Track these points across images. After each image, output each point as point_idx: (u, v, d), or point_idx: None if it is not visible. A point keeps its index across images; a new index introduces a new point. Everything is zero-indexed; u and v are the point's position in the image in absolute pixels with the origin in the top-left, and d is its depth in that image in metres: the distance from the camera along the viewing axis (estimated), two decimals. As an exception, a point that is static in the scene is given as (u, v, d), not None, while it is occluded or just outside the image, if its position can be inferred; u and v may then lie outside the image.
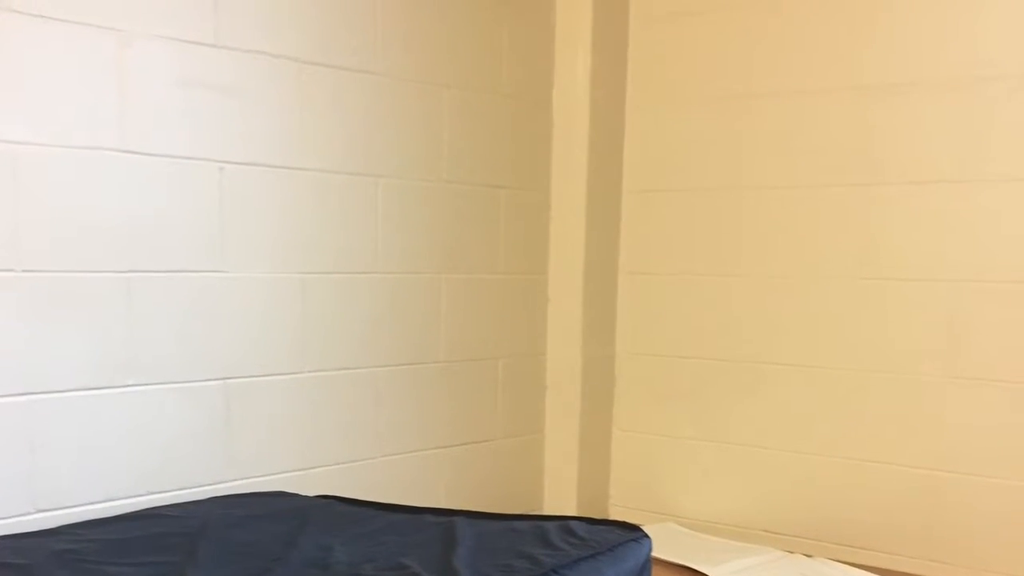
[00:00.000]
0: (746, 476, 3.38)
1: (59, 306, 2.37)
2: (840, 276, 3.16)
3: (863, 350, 3.13)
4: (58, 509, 2.38)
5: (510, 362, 3.46)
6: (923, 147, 3.01)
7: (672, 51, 3.47)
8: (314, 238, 2.86)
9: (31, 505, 2.34)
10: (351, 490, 2.80)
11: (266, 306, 2.77)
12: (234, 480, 2.72)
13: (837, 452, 3.19)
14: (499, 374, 3.43)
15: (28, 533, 2.26)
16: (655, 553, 2.35)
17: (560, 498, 3.57)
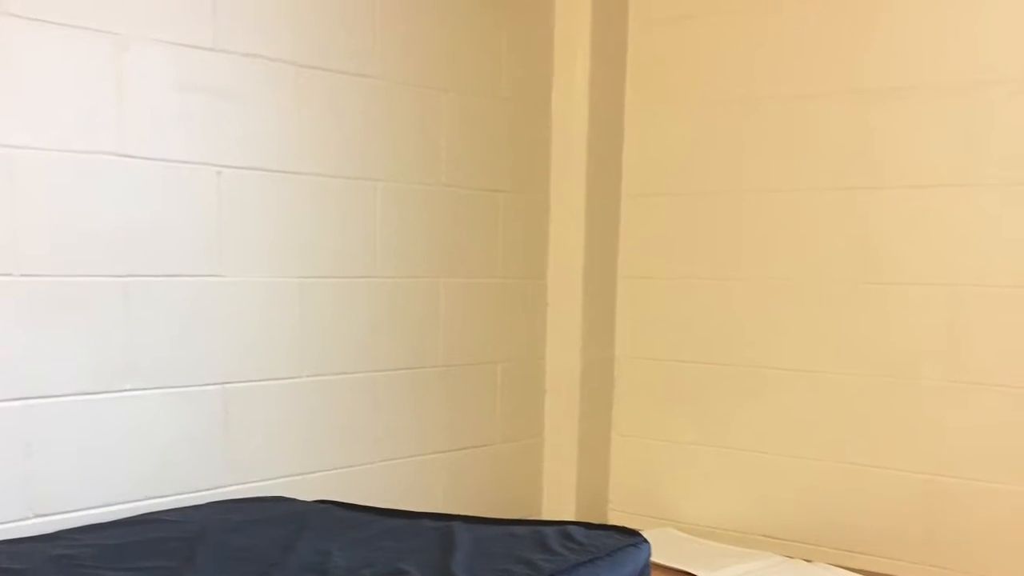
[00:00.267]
0: (746, 481, 3.38)
1: (57, 310, 2.36)
2: (840, 280, 3.15)
3: (863, 354, 3.12)
4: (55, 514, 2.37)
5: (509, 366, 3.46)
6: (923, 151, 3.01)
7: (671, 55, 3.47)
8: (312, 242, 2.85)
9: (28, 510, 2.34)
10: (349, 495, 2.80)
11: (264, 310, 2.76)
12: (232, 485, 2.71)
13: (837, 457, 3.18)
14: (498, 378, 3.42)
15: (25, 538, 2.26)
16: (654, 558, 2.35)
17: (559, 503, 3.56)
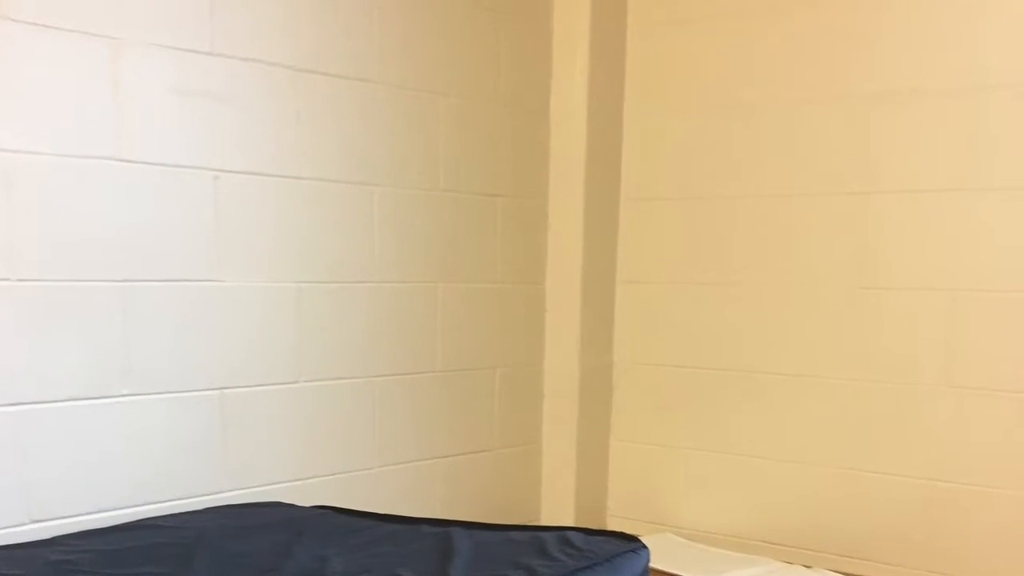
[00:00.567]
0: (745, 486, 3.37)
1: (54, 315, 2.36)
2: (839, 285, 3.15)
3: (862, 359, 3.12)
4: (53, 519, 2.37)
5: (507, 372, 3.45)
6: (922, 155, 3.00)
7: (670, 59, 3.47)
8: (310, 247, 2.85)
9: (25, 515, 2.33)
10: (347, 500, 2.79)
11: (262, 316, 2.76)
12: (230, 490, 2.71)
13: (836, 462, 3.18)
14: (496, 384, 3.42)
15: (22, 544, 2.25)
16: (653, 564, 2.34)
17: (557, 508, 3.56)
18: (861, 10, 3.10)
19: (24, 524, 2.32)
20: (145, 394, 2.52)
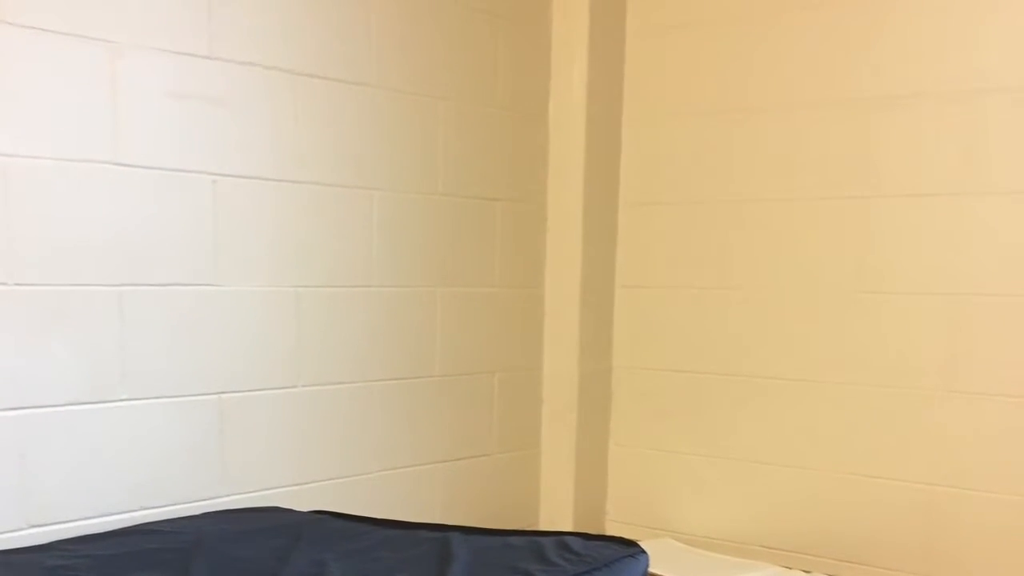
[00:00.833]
0: (744, 491, 3.37)
1: (52, 320, 2.35)
2: (838, 289, 3.15)
3: (862, 364, 3.11)
4: (50, 524, 2.37)
5: (506, 376, 3.45)
6: (922, 160, 3.00)
7: (669, 63, 3.46)
8: (308, 251, 2.84)
9: (23, 520, 2.33)
10: (345, 505, 2.79)
11: (260, 320, 2.75)
12: (228, 495, 2.70)
13: (836, 467, 3.17)
14: (495, 388, 3.42)
15: (20, 549, 2.25)
16: (652, 569, 2.34)
17: (556, 513, 3.55)
18: (861, 14, 3.10)
19: (22, 529, 2.32)
20: (143, 399, 2.52)
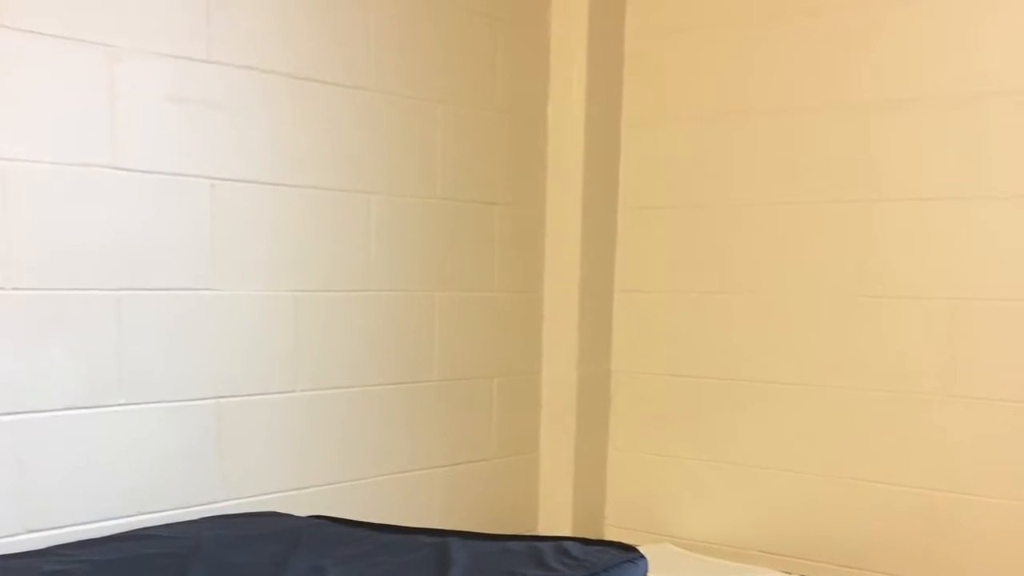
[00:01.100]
0: (743, 496, 3.36)
1: (49, 324, 2.35)
2: (839, 293, 3.14)
3: (862, 368, 3.11)
4: (48, 529, 2.36)
5: (505, 381, 3.44)
6: (923, 163, 2.99)
7: (668, 67, 3.46)
8: (307, 256, 2.84)
9: (21, 525, 2.32)
10: (344, 510, 2.78)
11: (258, 324, 2.75)
12: (226, 500, 2.70)
13: (835, 472, 3.16)
14: (493, 393, 3.41)
15: (18, 554, 2.25)
16: (651, 573, 2.34)
17: (555, 518, 3.55)
18: (861, 18, 3.09)
19: (19, 534, 2.31)
20: (140, 403, 2.51)
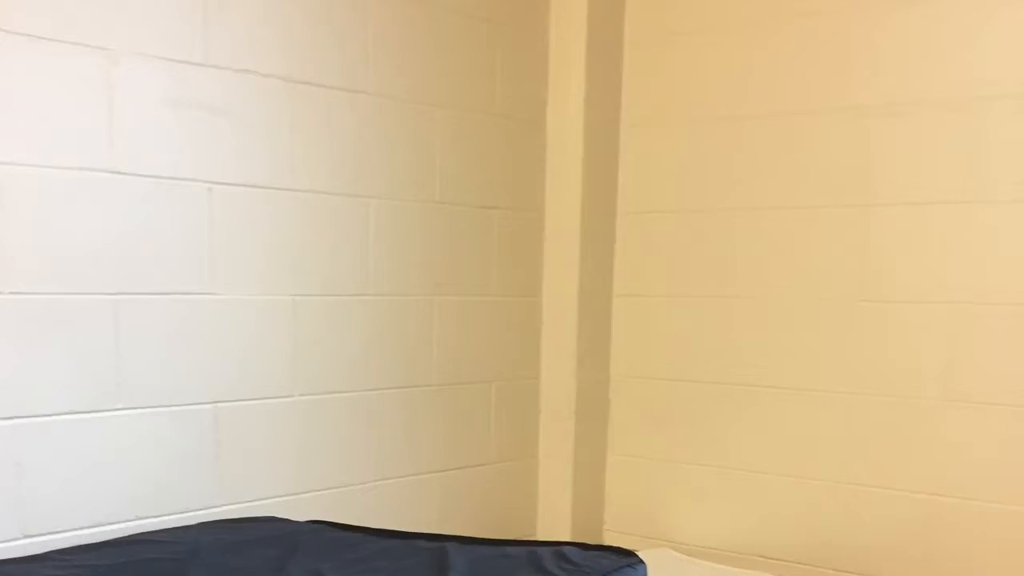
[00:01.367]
0: (743, 501, 3.36)
1: (47, 329, 2.35)
2: (838, 298, 3.14)
3: (862, 373, 3.10)
4: (46, 534, 2.36)
5: (503, 385, 3.44)
6: (922, 167, 2.99)
7: (667, 71, 3.46)
8: (305, 260, 2.84)
9: (19, 531, 2.32)
10: (342, 515, 2.78)
11: (256, 329, 2.74)
12: (224, 505, 2.69)
13: (835, 476, 3.16)
14: (492, 398, 3.41)
15: (16, 559, 2.24)
16: (651, 579, 2.33)
17: (554, 523, 3.54)
18: (860, 21, 3.09)
19: (17, 539, 2.31)
20: (138, 408, 2.51)
